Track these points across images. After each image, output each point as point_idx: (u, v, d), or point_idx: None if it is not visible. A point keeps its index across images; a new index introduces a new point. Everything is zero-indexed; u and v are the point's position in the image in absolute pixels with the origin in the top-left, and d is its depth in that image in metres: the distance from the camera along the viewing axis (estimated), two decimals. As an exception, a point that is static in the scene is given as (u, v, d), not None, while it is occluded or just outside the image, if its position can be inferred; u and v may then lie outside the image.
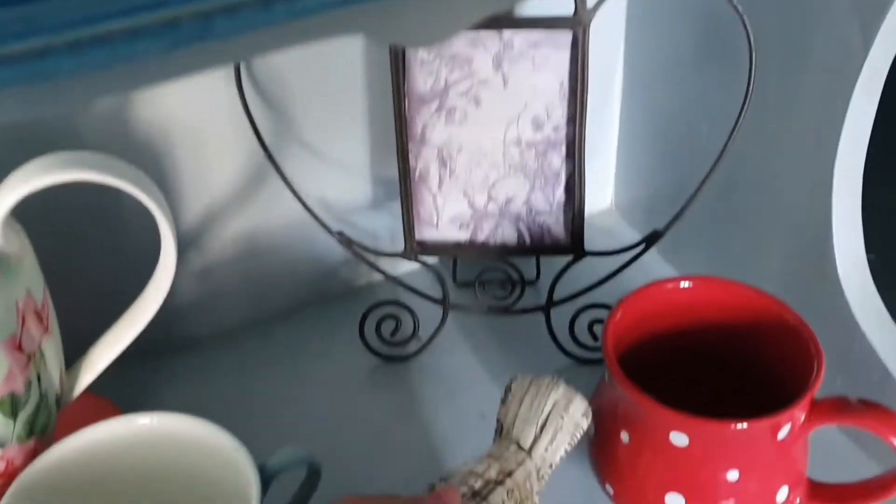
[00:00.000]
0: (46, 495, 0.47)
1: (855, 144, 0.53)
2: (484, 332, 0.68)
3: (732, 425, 0.44)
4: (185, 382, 0.65)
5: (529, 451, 0.46)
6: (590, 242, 0.62)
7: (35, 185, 0.45)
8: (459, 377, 0.65)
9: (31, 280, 0.47)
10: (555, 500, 0.55)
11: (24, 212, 0.49)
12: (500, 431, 0.48)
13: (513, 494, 0.44)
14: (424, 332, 0.66)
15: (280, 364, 0.67)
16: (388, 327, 0.65)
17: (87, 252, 0.61)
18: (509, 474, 0.45)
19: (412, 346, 0.66)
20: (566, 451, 0.47)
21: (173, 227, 0.49)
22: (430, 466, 0.58)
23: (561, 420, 0.46)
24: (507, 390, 0.48)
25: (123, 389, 0.60)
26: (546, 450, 0.46)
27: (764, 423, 0.44)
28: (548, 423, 0.46)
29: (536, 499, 0.45)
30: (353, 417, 0.63)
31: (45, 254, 0.50)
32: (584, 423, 0.47)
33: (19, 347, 0.46)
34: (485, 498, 0.44)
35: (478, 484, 0.44)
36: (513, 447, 0.46)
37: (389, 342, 0.65)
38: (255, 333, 0.69)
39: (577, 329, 0.64)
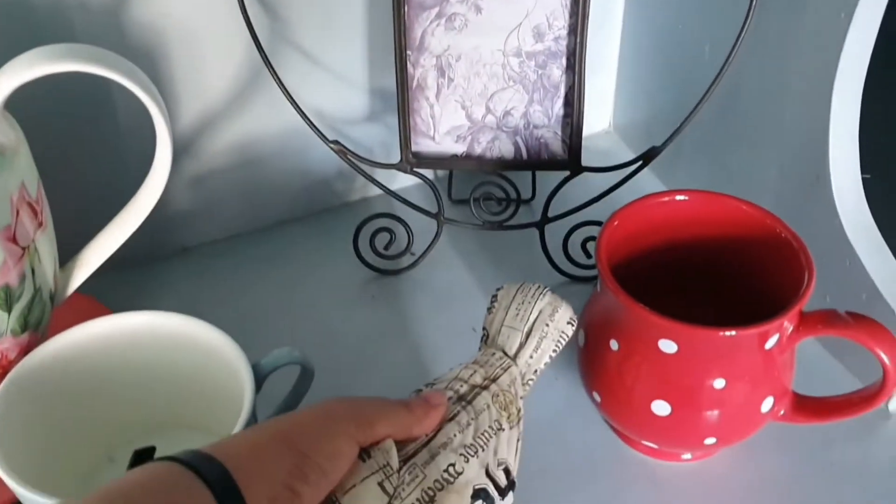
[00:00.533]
0: (40, 388, 0.48)
1: (855, 65, 0.53)
2: (478, 247, 0.69)
3: (721, 332, 0.44)
4: (179, 288, 0.66)
5: (514, 358, 0.46)
6: (587, 163, 0.62)
7: (30, 75, 0.44)
8: (452, 291, 0.66)
9: (25, 173, 0.47)
10: (542, 408, 0.56)
11: (21, 111, 0.49)
12: (486, 339, 0.48)
13: (497, 399, 0.45)
14: (418, 247, 0.66)
15: (274, 274, 0.67)
16: (382, 240, 0.65)
17: (81, 154, 0.61)
18: (494, 379, 0.45)
19: (406, 260, 0.66)
20: (551, 358, 0.47)
21: (168, 121, 0.48)
22: (419, 375, 0.59)
23: (546, 327, 0.46)
24: (494, 298, 0.48)
25: (118, 295, 0.60)
26: (531, 356, 0.46)
27: (752, 332, 0.44)
28: (533, 331, 0.46)
29: (521, 403, 0.46)
30: (345, 327, 0.63)
31: (40, 155, 0.50)
32: (569, 331, 0.47)
33: (13, 239, 0.46)
34: (470, 402, 0.44)
35: (463, 389, 0.45)
36: (498, 354, 0.46)
37: (383, 255, 0.66)
38: (250, 243, 0.69)
39: (570, 246, 0.64)
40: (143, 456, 0.38)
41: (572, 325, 0.47)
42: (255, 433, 0.38)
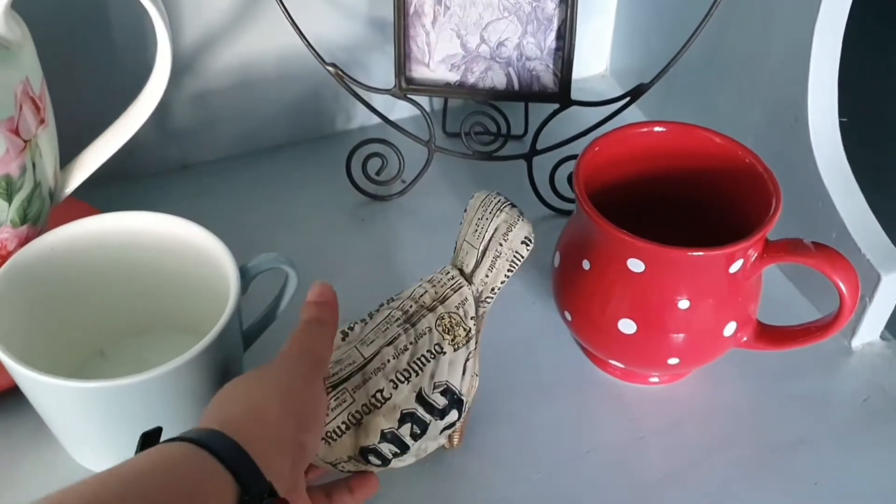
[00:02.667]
0: (36, 280, 0.50)
1: (835, 9, 0.54)
2: (467, 178, 0.70)
3: (687, 252, 0.46)
4: (178, 204, 0.67)
5: (471, 276, 0.47)
6: (581, 102, 0.64)
7: (35, -27, 0.46)
8: (439, 219, 0.68)
9: (29, 69, 0.49)
10: (517, 330, 0.58)
11: (26, 16, 0.50)
12: (455, 249, 0.49)
13: (441, 321, 0.46)
14: (409, 175, 0.68)
15: (269, 194, 0.69)
16: (374, 166, 0.67)
17: (82, 62, 0.63)
18: (443, 300, 0.47)
19: (396, 187, 0.68)
20: (507, 277, 0.47)
21: (168, 25, 0.50)
22: (395, 293, 0.61)
23: (500, 247, 0.46)
24: (467, 207, 0.49)
25: (119, 208, 0.62)
26: (486, 276, 0.47)
27: (718, 254, 0.46)
28: (488, 249, 0.46)
29: (471, 324, 0.47)
30: (333, 247, 0.65)
31: (44, 60, 0.51)
32: (524, 251, 0.47)
33: (16, 131, 0.48)
34: (413, 324, 0.46)
35: (412, 309, 0.47)
36: (453, 272, 0.48)
37: (375, 181, 0.67)
38: (248, 164, 0.71)
39: (557, 180, 0.66)
40: (150, 438, 0.40)
41: (527, 245, 0.46)
42: (252, 400, 0.39)
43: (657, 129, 0.53)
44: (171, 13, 0.63)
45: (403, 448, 0.45)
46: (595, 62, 0.80)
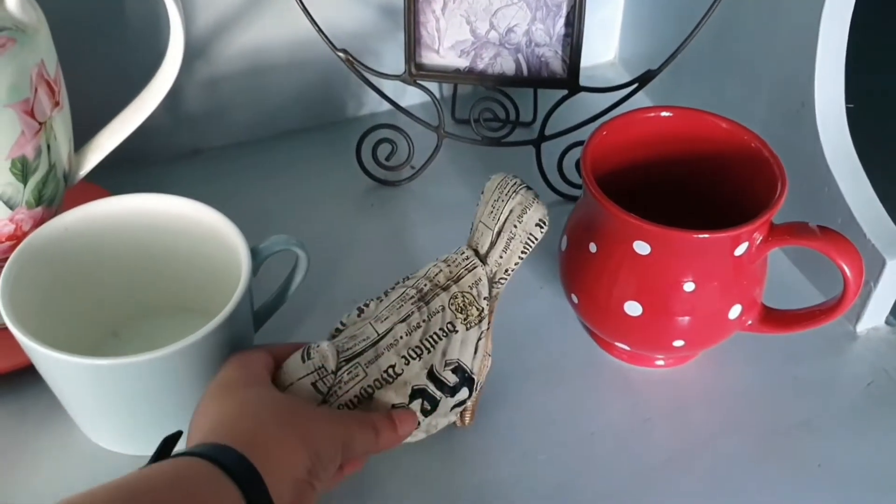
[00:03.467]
0: (51, 260, 0.51)
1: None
2: (476, 164, 0.71)
3: (693, 235, 0.46)
4: (189, 187, 0.67)
5: (485, 257, 0.48)
6: (589, 90, 0.64)
7: (51, -43, 0.47)
8: (448, 205, 0.68)
9: (45, 52, 0.49)
10: (525, 314, 0.59)
11: (44, 4, 0.51)
12: (471, 230, 0.50)
13: (455, 300, 0.47)
14: (419, 161, 0.68)
15: (280, 179, 0.70)
16: (384, 151, 0.68)
17: (98, 43, 0.63)
18: (457, 280, 0.48)
19: (406, 173, 0.69)
20: (521, 259, 0.48)
21: (181, 9, 0.51)
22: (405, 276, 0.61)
23: (515, 228, 0.47)
24: (484, 189, 0.50)
25: (130, 191, 0.63)
26: (500, 257, 0.47)
27: (723, 236, 0.47)
28: (503, 231, 0.47)
29: (484, 304, 0.48)
30: (343, 231, 0.66)
31: (59, 41, 0.52)
32: (538, 233, 0.47)
33: (31, 113, 0.48)
34: (427, 302, 0.47)
35: (426, 287, 0.48)
36: (468, 253, 0.48)
37: (384, 166, 0.68)
38: (259, 149, 0.72)
39: (565, 166, 0.67)
40: (169, 442, 0.41)
41: (542, 227, 0.47)
42: (269, 424, 0.40)
43: (664, 114, 0.54)
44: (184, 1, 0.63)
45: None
46: (604, 50, 0.81)
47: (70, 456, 0.51)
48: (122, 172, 0.61)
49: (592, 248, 0.51)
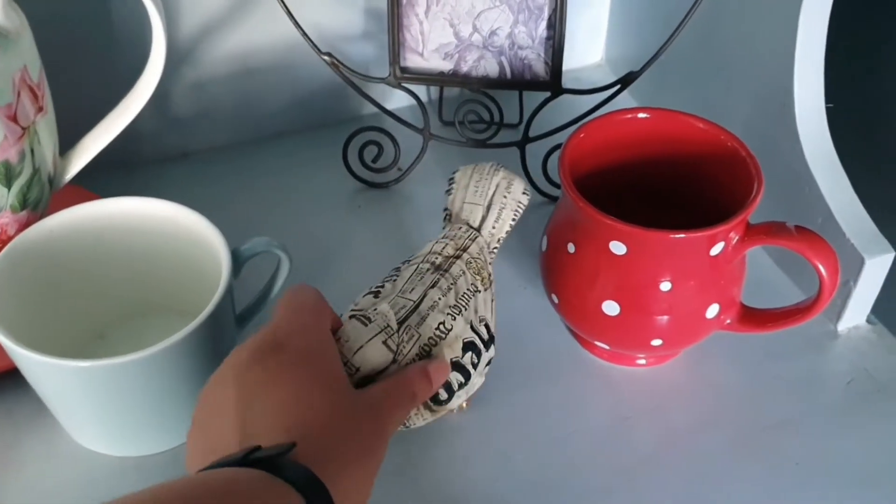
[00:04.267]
0: (36, 264, 0.52)
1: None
2: (461, 165, 0.71)
3: (667, 235, 0.47)
4: (176, 189, 0.68)
5: (479, 229, 0.51)
6: (576, 92, 0.64)
7: (32, -37, 0.47)
8: (435, 206, 0.68)
9: (28, 57, 0.50)
10: (508, 314, 0.59)
11: (26, 6, 0.52)
12: (450, 217, 0.52)
13: (470, 265, 0.49)
14: (405, 163, 0.69)
15: (267, 182, 0.70)
16: (370, 153, 0.68)
17: (80, 53, 0.64)
18: (465, 249, 0.50)
19: (392, 175, 0.69)
20: (511, 227, 0.52)
21: (162, 13, 0.51)
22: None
23: (504, 199, 0.51)
24: (452, 181, 0.52)
25: (117, 194, 0.63)
26: (493, 227, 0.51)
27: (698, 236, 0.47)
28: (492, 203, 0.51)
29: (490, 269, 0.50)
30: (330, 232, 0.66)
31: (43, 46, 0.53)
32: (525, 200, 0.52)
33: (14, 118, 0.49)
34: (447, 270, 0.48)
35: (438, 260, 0.49)
36: (464, 227, 0.51)
37: (371, 168, 0.69)
38: (246, 152, 0.73)
39: (549, 167, 0.67)
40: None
41: (527, 195, 0.52)
42: (346, 441, 0.37)
43: (641, 115, 0.54)
44: (169, 2, 0.64)
45: (466, 377, 0.47)
46: (591, 52, 0.81)
47: (55, 457, 0.52)
48: (110, 175, 0.62)
49: (571, 248, 0.51)
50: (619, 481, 0.51)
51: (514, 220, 0.52)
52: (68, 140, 0.57)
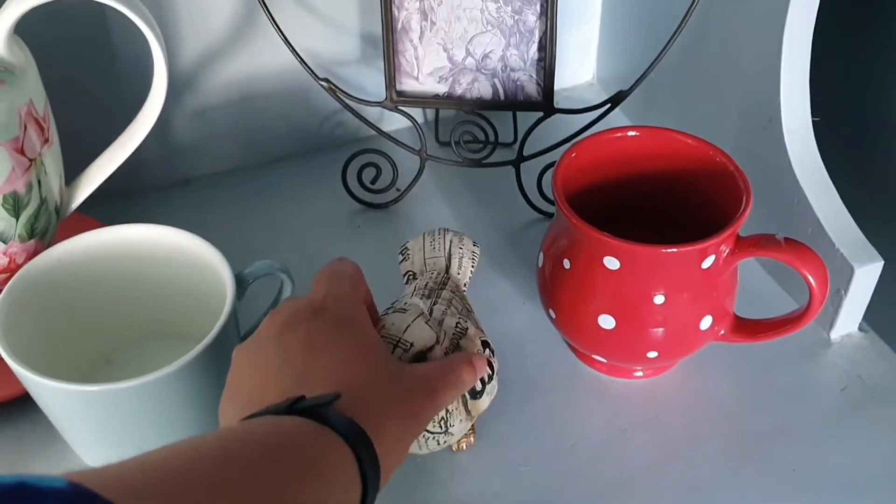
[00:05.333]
0: (44, 291, 0.53)
1: (803, 11, 0.56)
2: (459, 186, 0.73)
3: (659, 249, 0.48)
4: (179, 215, 0.69)
5: (447, 272, 0.53)
6: (569, 110, 0.66)
7: (37, 1, 0.49)
8: (433, 225, 0.69)
9: (33, 91, 0.51)
10: (506, 328, 0.61)
11: (31, 43, 0.53)
12: (413, 276, 0.54)
13: (456, 292, 0.51)
14: (403, 183, 0.70)
15: (268, 205, 0.72)
16: (368, 175, 0.70)
17: (84, 84, 0.65)
18: (444, 284, 0.52)
19: (391, 195, 0.71)
20: (472, 273, 0.54)
21: (163, 45, 0.53)
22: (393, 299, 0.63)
23: (460, 249, 0.54)
24: (405, 250, 0.55)
25: (121, 221, 0.65)
26: (458, 272, 0.53)
27: (689, 250, 0.48)
28: (452, 254, 0.53)
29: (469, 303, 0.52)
30: (331, 254, 0.66)
31: (48, 78, 0.54)
32: (478, 251, 0.55)
33: (21, 150, 0.50)
34: (438, 296, 0.50)
35: (426, 292, 0.50)
36: (433, 273, 0.53)
37: (370, 189, 0.70)
38: (247, 177, 0.74)
39: (544, 184, 0.69)
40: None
41: (478, 247, 0.55)
42: (387, 397, 0.38)
43: (630, 133, 0.55)
44: (169, 32, 0.66)
45: (492, 369, 0.48)
46: (582, 71, 0.83)
47: (66, 480, 0.53)
48: (115, 203, 0.63)
49: (566, 264, 0.52)
50: (619, 492, 0.52)
51: (473, 266, 0.54)
52: (74, 169, 0.58)
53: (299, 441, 0.32)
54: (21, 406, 0.54)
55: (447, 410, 0.46)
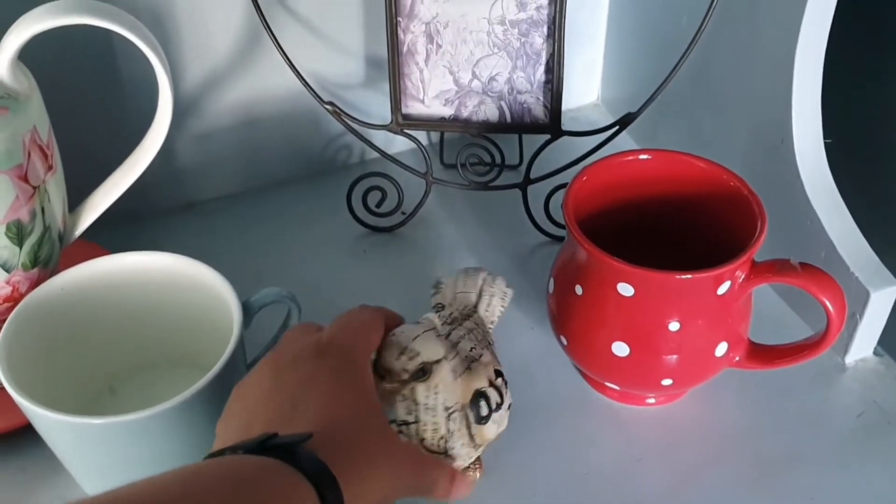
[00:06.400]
0: (48, 320, 0.52)
1: (815, 33, 0.56)
2: (464, 208, 0.72)
3: (674, 276, 0.47)
4: (183, 241, 0.69)
5: (475, 309, 0.52)
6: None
7: (41, 27, 0.48)
8: (439, 248, 0.69)
9: (37, 118, 0.51)
10: (516, 355, 0.60)
11: (35, 69, 0.52)
12: (441, 308, 0.52)
13: (479, 324, 0.50)
14: (409, 207, 0.69)
15: (272, 229, 0.71)
16: (374, 198, 0.69)
17: (88, 109, 0.65)
18: (468, 316, 0.50)
19: (396, 219, 0.70)
20: (502, 312, 0.52)
21: (169, 71, 0.52)
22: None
23: (492, 288, 0.52)
24: (438, 283, 0.54)
25: (127, 248, 0.64)
26: (486, 310, 0.52)
27: (705, 276, 0.47)
28: (483, 292, 0.52)
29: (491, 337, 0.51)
30: (337, 279, 0.67)
31: (51, 104, 0.54)
32: (510, 292, 0.53)
33: (25, 178, 0.50)
34: (460, 323, 0.49)
35: (449, 319, 0.49)
36: (460, 306, 0.51)
37: (375, 213, 0.69)
38: (251, 200, 0.73)
39: (551, 207, 0.68)
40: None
41: (511, 289, 0.53)
42: (366, 442, 0.38)
43: (642, 156, 0.55)
44: (173, 57, 0.65)
45: (502, 398, 0.47)
46: (587, 92, 0.82)
47: (69, 512, 0.52)
48: (118, 228, 0.63)
49: (578, 290, 0.51)
50: (635, 522, 0.51)
51: (503, 307, 0.53)
52: (77, 196, 0.58)
53: (261, 478, 0.33)
54: (24, 436, 0.53)
55: (448, 430, 0.45)
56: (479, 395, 0.46)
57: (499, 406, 0.47)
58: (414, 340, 0.45)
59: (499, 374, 0.48)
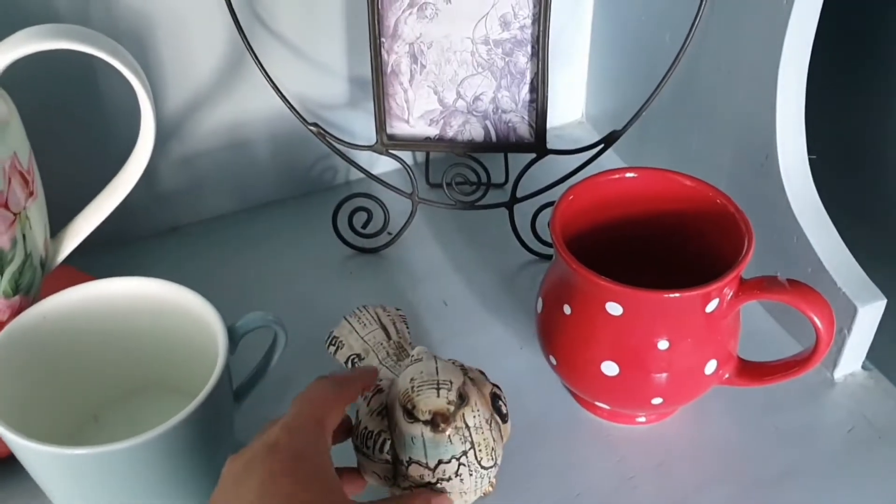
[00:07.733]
0: (30, 348, 0.51)
1: (797, 50, 0.56)
2: (451, 228, 0.72)
3: (662, 294, 0.47)
4: (167, 264, 0.69)
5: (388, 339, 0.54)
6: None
7: (21, 52, 0.48)
8: (426, 269, 0.69)
9: (17, 144, 0.50)
10: (505, 375, 0.59)
11: (15, 93, 0.52)
12: (358, 359, 0.54)
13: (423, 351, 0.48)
14: (395, 227, 0.69)
15: (258, 252, 0.70)
16: (360, 219, 0.69)
17: (70, 133, 0.64)
18: (400, 346, 0.53)
19: (383, 239, 0.69)
20: (408, 332, 0.55)
21: (151, 96, 0.52)
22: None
23: (388, 316, 0.56)
24: (333, 339, 0.56)
25: (111, 273, 0.64)
26: (398, 336, 0.55)
27: (693, 294, 0.47)
28: (384, 323, 0.56)
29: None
30: (324, 301, 0.66)
31: (32, 128, 0.53)
32: (402, 312, 0.57)
33: (5, 205, 0.49)
34: (408, 353, 0.49)
35: (394, 357, 0.51)
36: (381, 345, 0.54)
37: (361, 234, 0.69)
38: (236, 223, 0.73)
39: (538, 226, 0.68)
40: None
41: (401, 309, 0.57)
42: None
43: (629, 175, 0.55)
44: (155, 80, 0.65)
45: (507, 412, 0.47)
46: (571, 109, 0.82)
47: (53, 544, 0.51)
48: (100, 253, 0.62)
49: (567, 309, 0.51)
50: (627, 543, 0.50)
51: (407, 327, 0.56)
52: (59, 221, 0.57)
53: None
54: (7, 466, 0.52)
55: (493, 439, 0.45)
56: (494, 397, 0.47)
57: (506, 416, 0.48)
58: (438, 374, 0.44)
59: (497, 396, 0.48)
